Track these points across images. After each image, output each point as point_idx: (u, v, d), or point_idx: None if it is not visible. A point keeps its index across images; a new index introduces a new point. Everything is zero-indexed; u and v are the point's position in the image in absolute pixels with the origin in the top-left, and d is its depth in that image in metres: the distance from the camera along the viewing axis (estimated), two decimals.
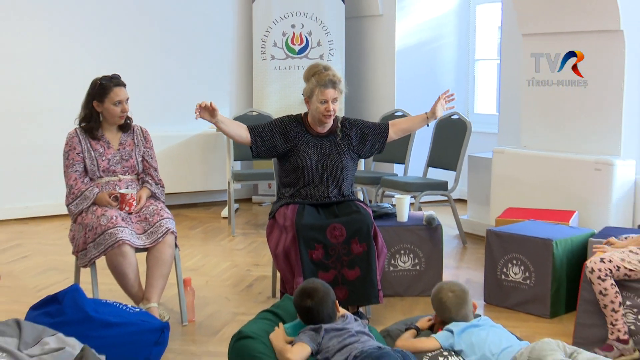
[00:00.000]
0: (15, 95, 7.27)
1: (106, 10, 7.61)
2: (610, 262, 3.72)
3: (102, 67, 5.12)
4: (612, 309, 3.73)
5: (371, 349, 3.02)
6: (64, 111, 5.99)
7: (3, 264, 5.64)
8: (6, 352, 3.14)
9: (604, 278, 3.71)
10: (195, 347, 4.09)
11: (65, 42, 7.46)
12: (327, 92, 4.31)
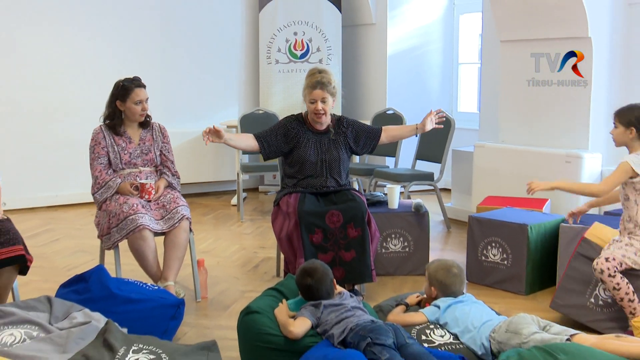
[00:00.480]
0: (47, 95, 7.28)
1: (130, 20, 7.61)
2: (614, 260, 3.64)
3: (124, 71, 5.10)
4: (629, 299, 3.65)
5: (365, 323, 3.02)
6: (90, 110, 5.98)
7: (36, 246, 5.63)
8: (38, 326, 3.14)
9: (613, 274, 3.64)
10: (208, 321, 4.10)
11: (92, 49, 7.45)
12: (314, 92, 4.32)
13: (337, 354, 2.84)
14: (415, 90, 8.12)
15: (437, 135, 6.42)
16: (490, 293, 4.54)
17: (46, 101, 7.29)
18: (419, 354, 2.86)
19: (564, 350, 2.75)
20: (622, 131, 3.77)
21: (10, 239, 3.56)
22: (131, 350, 2.71)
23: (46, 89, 7.28)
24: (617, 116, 3.82)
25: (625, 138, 3.78)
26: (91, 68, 7.40)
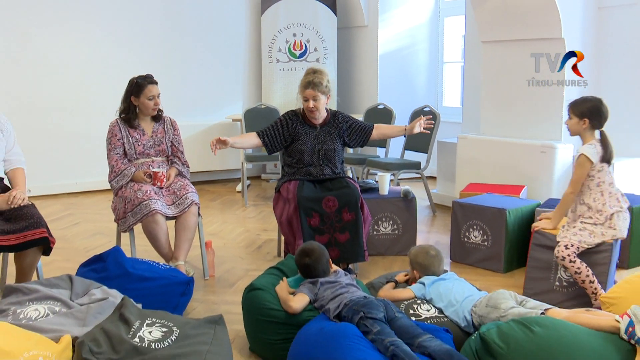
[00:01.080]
0: (68, 92, 7.28)
1: (144, 21, 7.59)
2: (572, 246, 3.68)
3: (138, 69, 5.08)
4: (590, 281, 3.68)
5: (358, 298, 3.02)
6: (106, 105, 5.96)
7: (58, 229, 5.63)
8: (60, 301, 3.14)
9: (573, 260, 3.67)
10: (215, 297, 4.10)
11: (109, 50, 7.44)
12: (306, 92, 4.34)
13: (333, 326, 2.84)
14: (403, 87, 8.12)
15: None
16: (471, 271, 4.55)
17: (67, 97, 7.29)
18: (407, 327, 2.87)
19: (538, 323, 2.76)
20: (576, 122, 3.79)
21: (34, 223, 3.55)
22: (145, 324, 2.71)
23: (67, 86, 7.28)
24: (571, 108, 3.84)
25: (579, 128, 3.79)
26: (108, 67, 7.39)
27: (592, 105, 3.76)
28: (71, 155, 7.36)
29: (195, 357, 2.45)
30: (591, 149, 3.72)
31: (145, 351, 2.50)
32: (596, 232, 3.71)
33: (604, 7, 5.52)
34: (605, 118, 3.79)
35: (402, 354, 2.63)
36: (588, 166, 3.71)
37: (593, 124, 3.76)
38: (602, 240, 3.71)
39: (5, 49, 6.92)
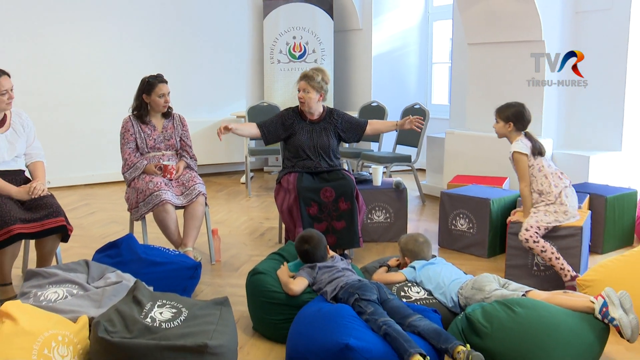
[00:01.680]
0: (85, 90, 7.27)
1: (155, 25, 7.58)
2: (532, 228, 3.75)
3: (149, 68, 5.07)
4: (555, 257, 3.72)
5: (353, 281, 3.03)
6: (120, 102, 5.95)
7: (75, 218, 5.62)
8: (78, 285, 3.14)
9: (536, 240, 3.73)
10: (221, 280, 4.10)
11: (122, 51, 7.43)
12: (300, 83, 4.41)
13: (330, 307, 2.85)
14: (395, 86, 8.11)
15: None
16: (458, 256, 4.56)
17: (83, 95, 7.28)
18: (398, 308, 2.87)
19: (520, 304, 2.77)
20: (502, 125, 3.91)
21: (53, 212, 3.56)
22: (156, 305, 2.72)
23: (84, 85, 7.27)
24: (497, 113, 3.97)
25: (505, 131, 3.92)
26: (120, 66, 7.37)
27: (516, 110, 3.89)
28: (87, 149, 7.35)
29: (202, 336, 2.46)
30: (520, 144, 3.84)
31: (156, 330, 2.50)
32: (549, 210, 3.79)
33: (580, 12, 5.51)
34: (528, 121, 3.91)
35: (394, 332, 2.63)
36: (525, 159, 3.83)
37: (517, 126, 3.89)
38: (556, 218, 3.77)
39: (25, 50, 6.90)
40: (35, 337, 2.44)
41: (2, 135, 3.64)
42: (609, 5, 5.32)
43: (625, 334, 2.69)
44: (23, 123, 3.78)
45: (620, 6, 5.25)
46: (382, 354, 2.58)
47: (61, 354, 2.49)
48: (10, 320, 2.44)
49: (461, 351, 2.60)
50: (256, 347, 3.10)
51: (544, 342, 2.63)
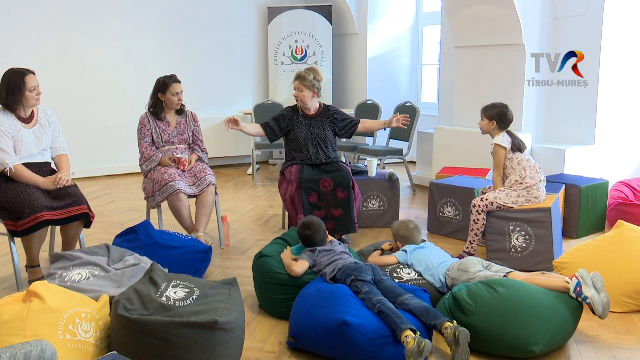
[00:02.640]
0: (106, 89, 7.26)
1: (169, 29, 7.55)
2: (487, 200, 3.89)
3: (164, 69, 5.05)
4: (476, 233, 3.94)
5: (350, 264, 3.03)
6: (137, 100, 5.95)
7: (97, 206, 5.62)
8: (99, 267, 3.15)
9: (480, 212, 3.90)
10: (230, 263, 4.11)
11: (139, 54, 7.41)
12: (294, 82, 4.46)
13: (329, 287, 2.85)
14: (389, 85, 8.09)
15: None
16: (445, 241, 4.56)
17: (104, 94, 7.27)
18: (391, 287, 2.88)
19: (501, 284, 2.77)
20: (486, 123, 3.99)
21: (77, 200, 3.55)
22: (171, 285, 2.72)
23: (105, 85, 7.25)
24: (483, 111, 4.05)
25: (488, 128, 3.99)
26: (138, 67, 7.35)
27: (499, 110, 3.95)
28: (108, 144, 7.35)
29: (213, 313, 2.46)
30: (501, 137, 3.91)
31: (171, 308, 2.50)
32: (512, 194, 3.88)
33: (558, 17, 5.49)
34: (510, 121, 3.97)
35: (387, 310, 2.64)
36: (503, 152, 3.90)
37: (500, 125, 3.95)
38: (514, 201, 3.86)
39: (51, 53, 6.88)
40: (60, 314, 2.45)
41: (30, 131, 3.63)
42: (584, 12, 5.30)
43: (597, 311, 2.70)
44: (49, 119, 3.77)
45: (593, 12, 5.23)
46: (376, 329, 2.59)
47: (84, 329, 2.49)
48: (38, 299, 2.44)
49: (448, 327, 2.61)
50: (262, 324, 3.11)
51: (523, 318, 2.63)
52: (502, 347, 2.66)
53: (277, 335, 2.96)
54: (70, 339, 2.42)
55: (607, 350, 2.79)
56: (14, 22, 6.68)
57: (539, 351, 2.60)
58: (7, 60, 5.21)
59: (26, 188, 3.47)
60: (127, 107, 7.21)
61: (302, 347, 2.75)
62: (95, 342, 2.51)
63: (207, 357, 2.40)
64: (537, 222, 3.82)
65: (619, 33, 5.29)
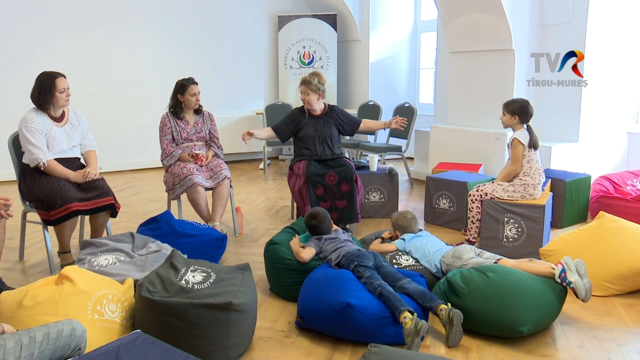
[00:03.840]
0: (130, 90, 7.27)
1: (187, 37, 7.55)
2: (482, 191, 3.89)
3: (183, 73, 5.05)
4: (472, 221, 3.93)
5: (353, 251, 3.03)
6: (159, 101, 5.95)
7: (123, 198, 5.64)
8: (124, 253, 3.16)
9: (474, 201, 3.90)
10: (243, 250, 4.11)
11: (162, 58, 7.41)
12: (300, 87, 4.44)
13: (334, 272, 2.85)
14: (389, 87, 8.06)
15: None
16: (441, 230, 4.55)
17: (129, 95, 7.28)
18: (391, 273, 2.87)
19: (492, 270, 2.76)
20: (509, 117, 3.87)
21: (104, 192, 3.56)
22: (189, 270, 2.72)
23: (129, 87, 7.26)
24: (505, 106, 3.93)
25: (511, 123, 3.88)
26: (160, 72, 7.35)
27: (521, 105, 3.85)
28: (132, 141, 7.36)
29: (228, 295, 2.46)
30: (522, 134, 3.81)
31: (189, 291, 2.51)
32: (509, 189, 3.85)
33: (545, 25, 5.45)
34: (530, 115, 3.87)
35: (387, 293, 2.63)
36: (521, 148, 3.80)
37: (521, 119, 3.85)
38: (510, 196, 3.84)
39: (79, 58, 6.89)
40: (89, 296, 2.46)
41: (62, 129, 3.64)
42: (569, 19, 5.26)
43: (580, 295, 2.69)
44: (78, 118, 3.78)
45: (578, 20, 5.19)
46: (377, 311, 2.59)
47: (111, 309, 2.50)
48: (69, 282, 2.45)
49: (443, 309, 2.60)
50: (273, 305, 3.11)
51: (512, 301, 2.62)
52: (493, 328, 2.65)
53: (287, 316, 2.96)
54: (98, 318, 2.43)
55: (589, 331, 2.78)
56: (46, 28, 6.68)
57: (527, 331, 2.59)
58: (41, 64, 5.21)
59: (58, 181, 3.48)
60: (149, 107, 7.22)
61: (309, 326, 2.75)
62: (121, 322, 2.52)
63: (222, 335, 2.41)
64: (531, 217, 3.79)
65: (602, 39, 5.26)
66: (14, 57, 6.52)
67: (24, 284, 3.29)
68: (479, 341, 2.67)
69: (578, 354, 2.56)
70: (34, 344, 1.87)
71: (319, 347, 2.62)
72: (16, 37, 6.53)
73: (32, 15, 6.60)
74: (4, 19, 6.46)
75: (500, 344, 2.64)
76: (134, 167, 7.44)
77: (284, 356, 2.54)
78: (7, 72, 6.50)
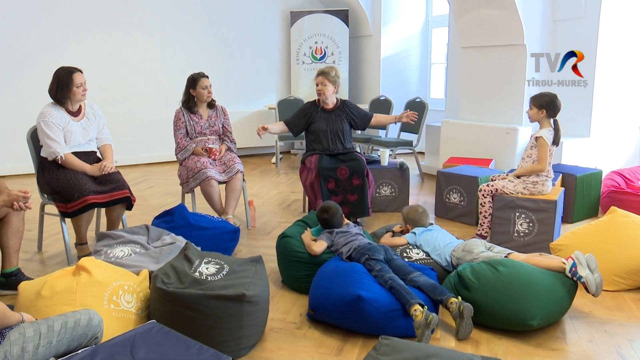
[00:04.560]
0: (145, 85, 7.30)
1: (201, 33, 7.56)
2: (492, 186, 3.88)
3: (197, 68, 5.06)
4: (484, 215, 3.91)
5: (364, 244, 3.02)
6: (173, 96, 5.97)
7: (138, 191, 5.68)
8: (140, 245, 3.18)
9: (485, 196, 3.89)
10: (256, 242, 4.12)
11: (176, 54, 7.42)
12: (317, 78, 4.42)
13: (345, 265, 2.85)
14: (400, 82, 8.03)
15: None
16: (451, 224, 4.53)
17: (144, 90, 7.31)
18: (401, 266, 2.87)
19: (502, 264, 2.75)
20: (536, 111, 3.79)
21: (120, 185, 3.59)
22: (203, 262, 2.74)
23: (144, 82, 7.29)
24: (532, 100, 3.85)
25: (538, 117, 3.80)
26: (175, 67, 7.38)
27: (549, 99, 3.76)
28: (147, 135, 7.40)
29: (241, 287, 2.47)
30: (548, 133, 3.73)
31: (203, 282, 2.52)
32: (519, 185, 3.83)
33: (558, 20, 5.39)
34: (558, 109, 3.79)
35: (398, 286, 2.63)
36: (547, 147, 3.74)
37: (549, 113, 3.76)
38: (519, 192, 3.82)
39: (96, 54, 6.93)
40: (106, 287, 2.48)
41: (79, 123, 3.67)
42: (582, 14, 5.20)
43: (590, 290, 2.67)
44: (95, 112, 3.81)
45: (591, 15, 5.13)
46: (388, 304, 2.58)
47: (127, 300, 2.53)
48: (86, 273, 2.47)
49: (453, 302, 2.60)
50: (284, 297, 3.12)
51: (522, 295, 2.61)
52: (503, 321, 2.64)
53: (298, 308, 2.97)
54: (114, 308, 2.46)
55: (600, 325, 2.76)
56: (63, 25, 6.73)
57: (537, 325, 2.58)
58: (58, 60, 5.25)
59: (75, 174, 3.51)
60: (164, 102, 7.25)
61: (320, 318, 2.75)
62: (136, 312, 2.55)
63: (235, 326, 2.42)
64: (542, 212, 3.75)
65: (615, 34, 5.19)
66: (32, 53, 6.58)
67: (42, 274, 3.34)
68: (489, 334, 2.66)
69: (588, 348, 2.55)
70: (52, 332, 1.90)
71: (330, 339, 2.63)
72: (34, 33, 6.59)
73: (49, 12, 6.65)
74: (21, 16, 6.51)
75: (510, 337, 2.63)
76: (148, 161, 7.48)
77: (295, 347, 2.55)
78: (25, 67, 6.56)
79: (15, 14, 6.48)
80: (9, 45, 6.48)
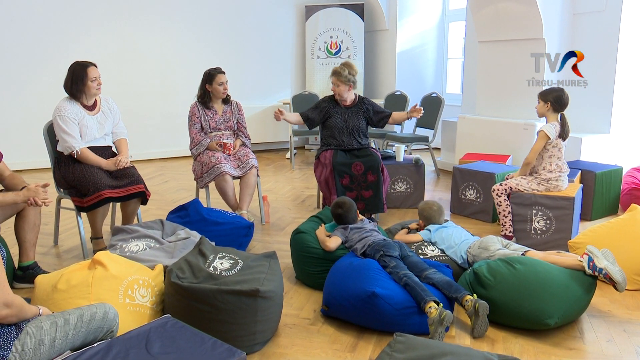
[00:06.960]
0: (161, 81, 7.34)
1: (217, 28, 7.58)
2: (506, 185, 3.86)
3: (212, 63, 5.09)
4: (504, 215, 3.87)
5: (379, 240, 3.02)
6: (188, 91, 6.00)
7: (152, 186, 5.72)
8: (154, 239, 3.20)
9: (499, 195, 3.86)
10: (269, 238, 4.14)
11: (192, 50, 7.45)
12: (331, 79, 4.39)
13: (359, 261, 2.85)
14: (416, 77, 7.99)
15: (432, 109, 6.34)
16: (467, 221, 4.50)
17: (159, 85, 7.35)
18: (416, 263, 2.86)
19: (519, 262, 2.72)
20: (542, 105, 3.79)
21: (135, 180, 3.61)
22: (217, 257, 2.75)
23: (160, 77, 7.33)
24: (540, 95, 3.86)
25: (544, 110, 3.80)
26: (190, 62, 7.41)
27: (556, 94, 3.77)
28: (162, 130, 7.45)
29: (255, 282, 2.48)
30: (551, 127, 3.73)
31: (217, 277, 2.53)
32: (532, 182, 3.82)
33: (578, 13, 5.31)
34: (565, 104, 3.78)
35: (413, 283, 2.62)
36: (545, 141, 3.74)
37: (555, 107, 3.76)
38: (534, 188, 3.80)
39: (113, 50, 6.99)
40: (121, 281, 2.50)
41: (94, 117, 3.70)
42: (603, 8, 5.12)
43: (615, 279, 2.58)
44: (110, 107, 3.84)
45: (612, 9, 5.05)
46: (402, 300, 2.58)
47: (142, 294, 2.55)
48: (102, 267, 2.50)
49: (469, 300, 2.58)
50: (298, 293, 3.13)
51: (539, 293, 2.58)
52: (519, 320, 2.62)
53: (312, 304, 2.97)
54: (129, 302, 2.48)
55: (619, 325, 2.73)
56: (78, 20, 6.79)
57: (554, 324, 2.55)
58: (73, 55, 5.30)
59: (91, 169, 3.54)
60: (179, 97, 7.30)
61: (334, 315, 2.76)
62: (151, 306, 2.57)
63: (249, 321, 2.43)
64: (560, 209, 3.72)
65: (637, 28, 5.10)
66: (47, 48, 6.65)
67: (58, 268, 3.38)
68: (505, 333, 2.65)
69: (606, 348, 2.52)
70: (69, 326, 1.92)
71: (344, 335, 2.63)
72: (49, 28, 6.66)
73: (65, 7, 6.71)
74: (37, 12, 6.58)
75: (526, 336, 2.61)
76: (163, 156, 7.54)
77: (309, 343, 2.56)
78: (41, 63, 6.64)
79: (32, 9, 6.55)
80: (25, 41, 6.56)
